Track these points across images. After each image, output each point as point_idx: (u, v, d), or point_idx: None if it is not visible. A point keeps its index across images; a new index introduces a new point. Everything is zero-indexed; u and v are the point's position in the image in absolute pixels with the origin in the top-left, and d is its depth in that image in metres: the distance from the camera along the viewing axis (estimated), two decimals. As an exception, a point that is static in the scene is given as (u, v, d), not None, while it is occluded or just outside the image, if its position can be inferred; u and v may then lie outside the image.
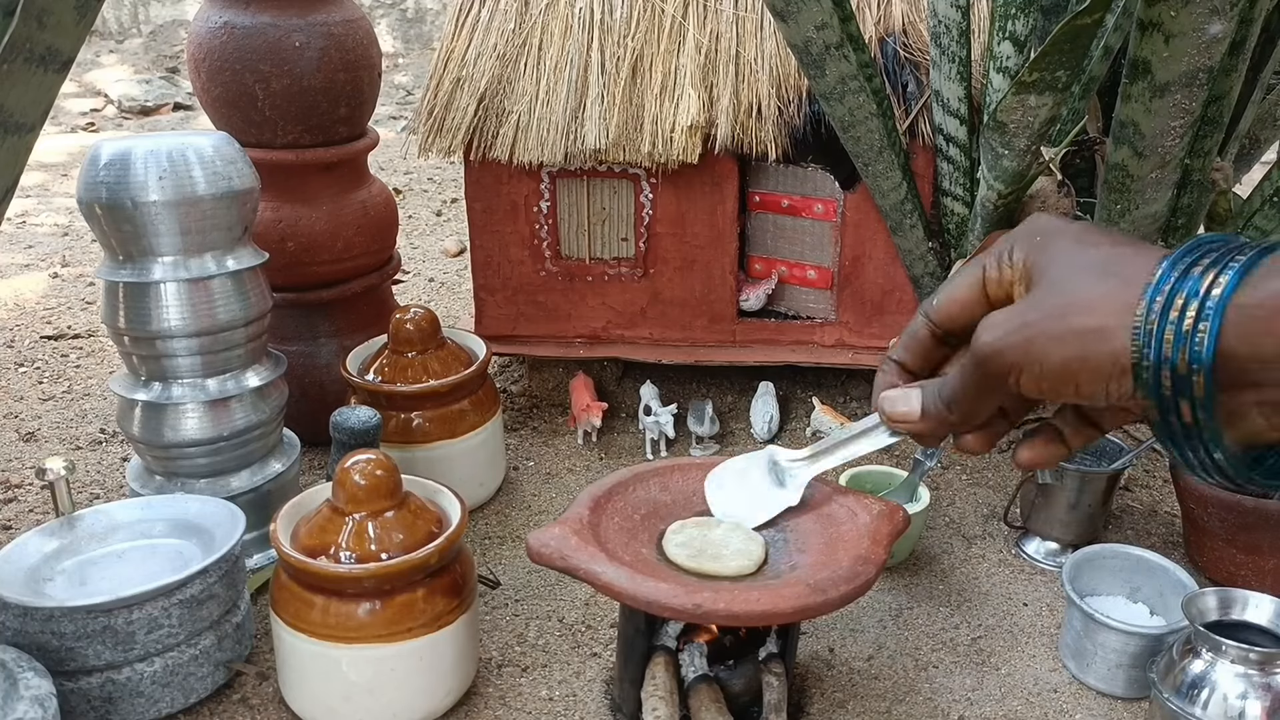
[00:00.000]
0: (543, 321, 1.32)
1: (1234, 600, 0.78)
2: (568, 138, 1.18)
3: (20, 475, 1.20)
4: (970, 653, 0.91)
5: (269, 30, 1.08)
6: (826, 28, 0.98)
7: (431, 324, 1.09)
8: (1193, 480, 0.97)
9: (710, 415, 1.23)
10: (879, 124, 1.08)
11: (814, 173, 1.24)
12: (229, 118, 1.11)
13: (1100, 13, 0.82)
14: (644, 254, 1.28)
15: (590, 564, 0.69)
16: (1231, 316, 0.44)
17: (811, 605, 0.66)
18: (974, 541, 1.08)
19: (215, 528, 0.86)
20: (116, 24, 4.44)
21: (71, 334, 1.63)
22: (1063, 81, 0.89)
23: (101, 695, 0.77)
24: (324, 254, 1.16)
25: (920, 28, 1.19)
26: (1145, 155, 0.91)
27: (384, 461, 0.79)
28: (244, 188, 0.91)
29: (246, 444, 0.96)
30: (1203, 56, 0.81)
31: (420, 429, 1.06)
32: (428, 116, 1.22)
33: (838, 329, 1.30)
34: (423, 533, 0.78)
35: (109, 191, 0.85)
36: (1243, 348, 0.44)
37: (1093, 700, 0.85)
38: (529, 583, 1.00)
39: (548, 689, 0.86)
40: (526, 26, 1.22)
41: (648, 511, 0.79)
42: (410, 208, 2.42)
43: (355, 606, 0.75)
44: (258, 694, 0.85)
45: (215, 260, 0.91)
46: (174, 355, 0.91)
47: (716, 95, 1.19)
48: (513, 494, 1.17)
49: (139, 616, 0.77)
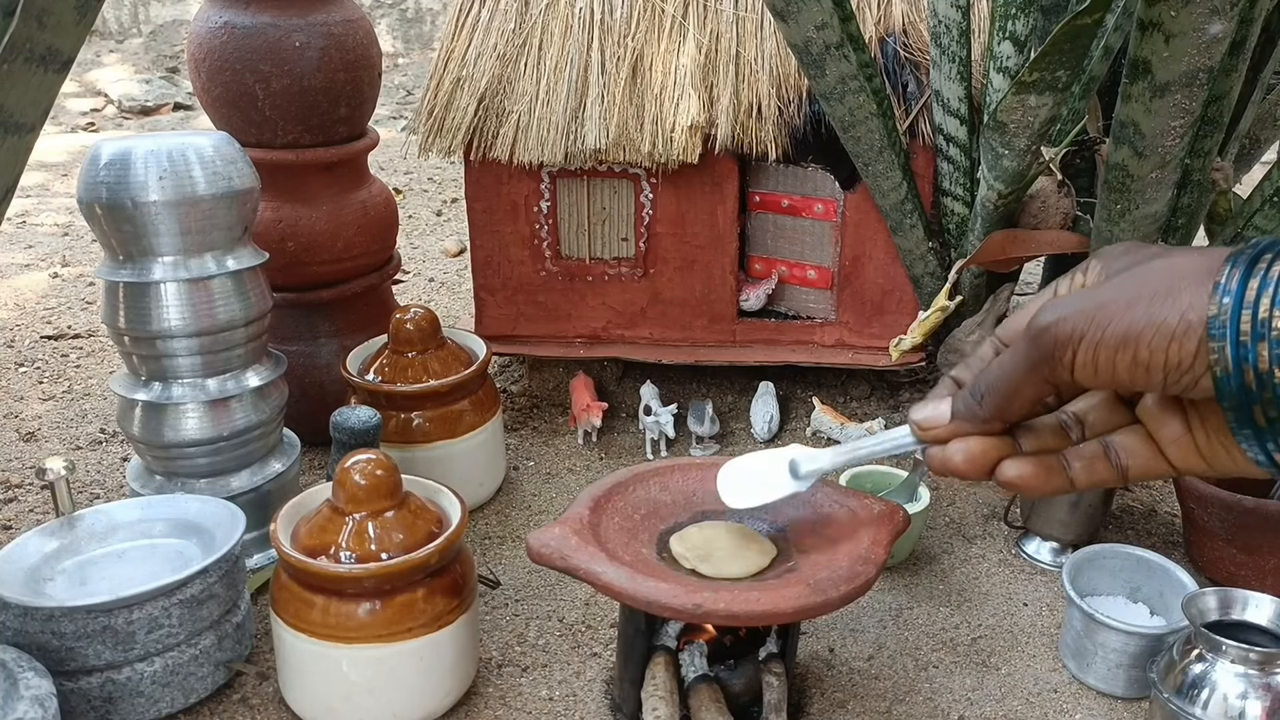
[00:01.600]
0: (543, 321, 1.32)
1: (1234, 600, 0.78)
2: (568, 138, 1.18)
3: (20, 475, 1.20)
4: (970, 653, 0.91)
5: (269, 30, 1.08)
6: (827, 28, 0.98)
7: (431, 324, 1.09)
8: (1193, 480, 0.97)
9: (710, 415, 1.23)
10: (879, 124, 1.08)
11: (814, 173, 1.24)
12: (229, 117, 1.11)
13: (1100, 13, 0.82)
14: (644, 254, 1.28)
15: (590, 564, 0.69)
16: None
17: (812, 605, 0.66)
18: (974, 541, 1.08)
19: (215, 527, 0.86)
20: (117, 24, 4.44)
21: (72, 334, 1.63)
22: (1063, 81, 0.89)
23: (102, 695, 0.77)
24: (324, 254, 1.16)
25: (920, 28, 1.19)
26: (1145, 155, 0.91)
27: (384, 461, 0.79)
28: (244, 188, 0.91)
29: (247, 444, 0.96)
30: (1203, 56, 0.81)
31: (420, 429, 1.06)
32: (428, 116, 1.22)
33: (838, 329, 1.30)
34: (423, 533, 0.78)
35: (109, 191, 0.85)
36: None
37: (1093, 700, 0.85)
38: (529, 583, 1.00)
39: (548, 689, 0.86)
40: (527, 26, 1.22)
41: (648, 511, 0.79)
42: (410, 208, 2.42)
43: (355, 606, 0.75)
44: (258, 694, 0.85)
45: (215, 260, 0.91)
46: (174, 355, 0.91)
47: (716, 95, 1.19)
48: (513, 494, 1.17)
49: (139, 616, 0.77)
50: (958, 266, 1.15)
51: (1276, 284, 0.43)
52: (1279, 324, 0.42)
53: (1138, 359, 0.46)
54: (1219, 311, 0.43)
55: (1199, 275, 0.45)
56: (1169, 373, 0.45)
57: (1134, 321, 0.46)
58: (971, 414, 0.54)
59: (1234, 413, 0.45)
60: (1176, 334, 0.45)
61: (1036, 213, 1.09)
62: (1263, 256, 0.44)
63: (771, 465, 0.70)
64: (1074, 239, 1.10)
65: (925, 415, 0.56)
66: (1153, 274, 0.47)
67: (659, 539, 0.77)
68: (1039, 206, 1.09)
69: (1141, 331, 0.45)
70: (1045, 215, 1.09)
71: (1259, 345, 0.43)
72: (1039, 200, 1.09)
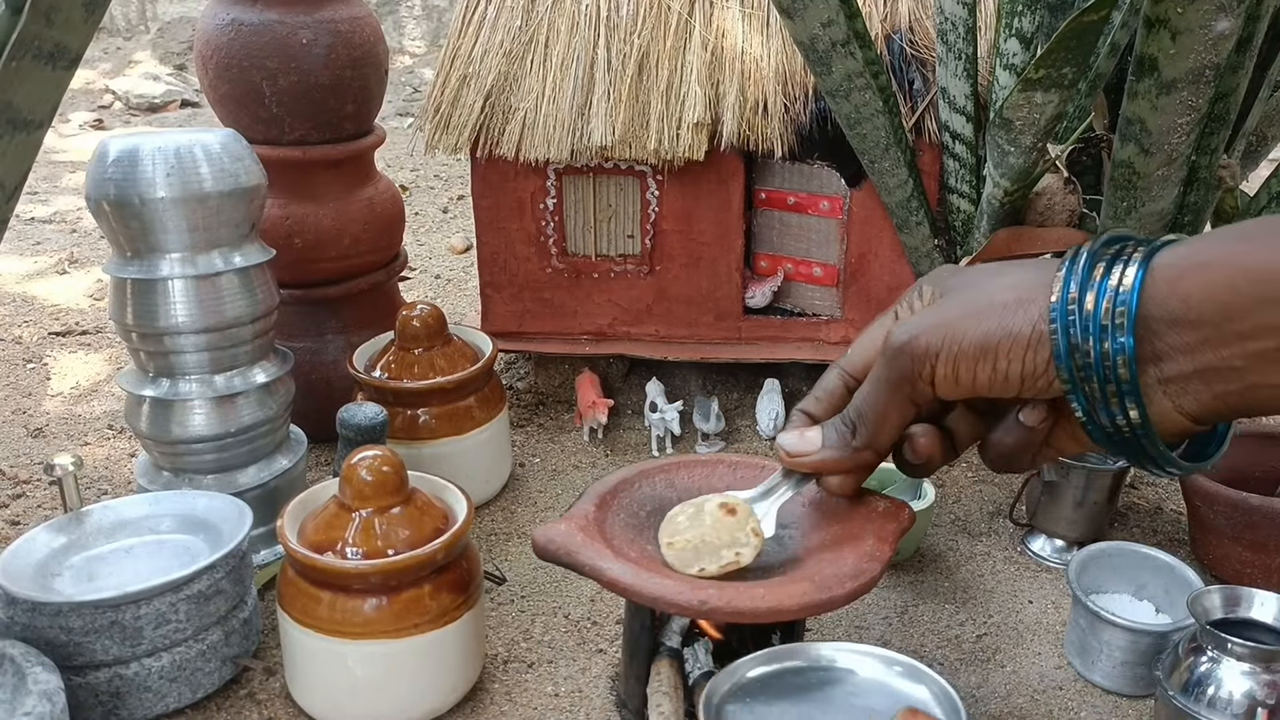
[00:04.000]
0: (549, 318, 1.32)
1: (1240, 598, 0.78)
2: (574, 135, 1.18)
3: (28, 471, 1.21)
4: (975, 650, 0.91)
5: (276, 27, 1.08)
6: (833, 25, 0.98)
7: (438, 320, 1.09)
8: (1199, 478, 0.96)
9: (716, 412, 1.23)
10: (885, 121, 1.08)
11: (820, 170, 1.24)
12: (236, 115, 1.12)
13: (1107, 9, 0.82)
14: (650, 251, 1.28)
15: (596, 560, 0.69)
16: (1146, 278, 0.45)
17: (816, 602, 0.66)
18: (979, 539, 1.08)
19: (222, 523, 0.86)
20: (124, 21, 4.45)
21: (79, 330, 1.64)
22: (1069, 78, 0.89)
23: (109, 690, 0.78)
24: (331, 251, 1.17)
25: (927, 25, 1.19)
26: (1152, 153, 0.91)
27: (390, 458, 0.79)
28: (251, 184, 0.91)
29: (253, 440, 0.97)
30: (1209, 53, 0.81)
31: (426, 425, 1.06)
32: (434, 113, 1.22)
33: (843, 326, 1.30)
34: (429, 529, 0.78)
35: (117, 188, 0.86)
36: (1153, 308, 0.45)
37: (1098, 698, 0.85)
38: (535, 579, 1.00)
39: (553, 685, 0.86)
40: (533, 24, 1.22)
41: (654, 508, 0.79)
42: (417, 204, 2.42)
43: (362, 602, 0.75)
44: (265, 689, 0.85)
45: (223, 257, 0.91)
46: (181, 351, 0.91)
47: (723, 92, 1.19)
48: (518, 490, 1.17)
49: (146, 612, 0.77)
50: (963, 264, 1.15)
51: (1115, 293, 0.46)
52: (1120, 325, 0.45)
53: (996, 369, 0.48)
54: (1064, 316, 0.46)
55: (1037, 286, 0.48)
56: (1025, 379, 0.48)
57: (989, 332, 0.48)
58: (844, 444, 0.56)
59: (1086, 413, 0.48)
60: (1031, 342, 0.47)
61: (1042, 210, 1.09)
62: (1097, 261, 0.47)
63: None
64: (1080, 236, 1.10)
65: (794, 444, 0.59)
66: (1000, 289, 0.50)
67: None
68: (1045, 204, 1.08)
69: (999, 342, 0.48)
70: (1051, 213, 1.09)
71: (1101, 362, 0.46)
72: (1045, 198, 1.08)
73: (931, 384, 0.50)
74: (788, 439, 0.59)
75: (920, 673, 0.65)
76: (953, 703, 0.62)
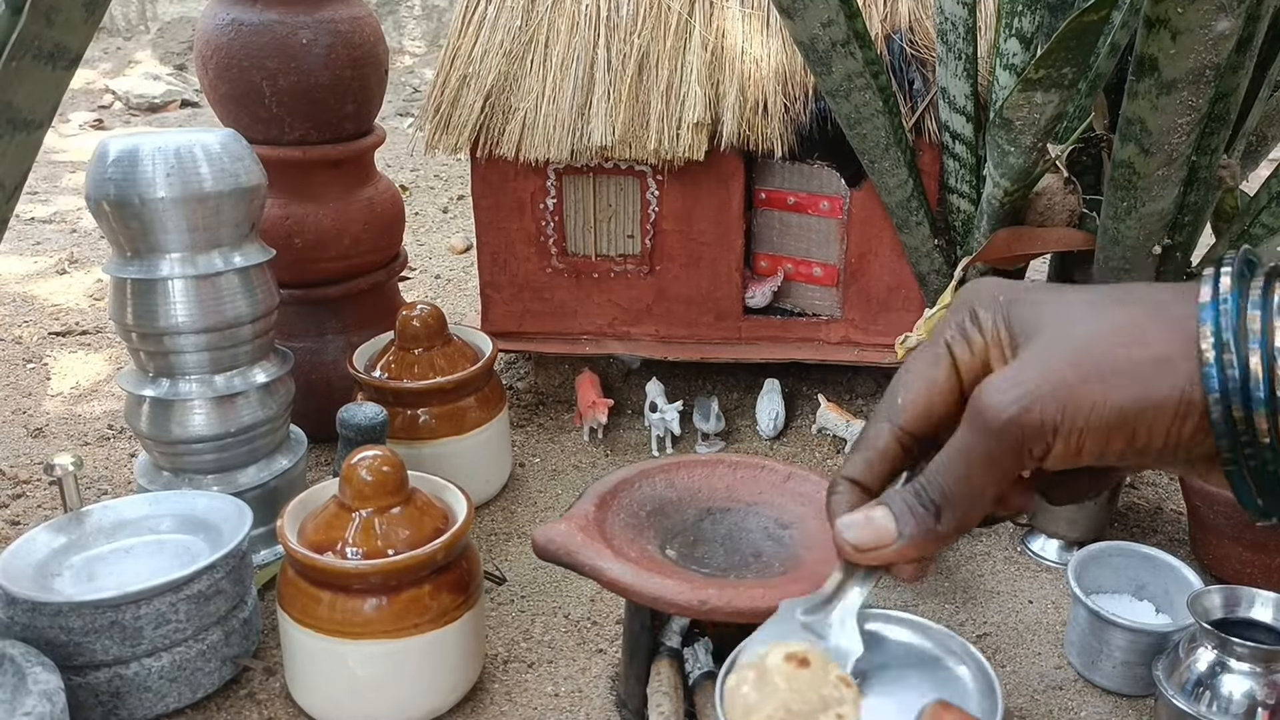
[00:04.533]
0: (549, 318, 1.32)
1: (1240, 598, 0.78)
2: (574, 135, 1.18)
3: (28, 471, 1.21)
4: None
5: (276, 27, 1.08)
6: (833, 25, 0.98)
7: (438, 320, 1.09)
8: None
9: (716, 412, 1.23)
10: (885, 121, 1.08)
11: (820, 170, 1.24)
12: (236, 115, 1.12)
13: (1107, 9, 0.82)
14: (650, 251, 1.28)
15: (596, 560, 0.69)
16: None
17: (816, 602, 0.66)
18: (980, 539, 1.08)
19: (222, 523, 0.86)
20: (124, 21, 4.45)
21: (79, 330, 1.63)
22: (1069, 78, 0.89)
23: (109, 690, 0.78)
24: (331, 250, 1.17)
25: (927, 24, 1.19)
26: (1152, 153, 0.91)
27: (390, 458, 0.79)
28: (251, 184, 0.91)
29: (253, 440, 0.97)
30: (1210, 53, 0.80)
31: (426, 425, 1.06)
32: (434, 113, 1.22)
33: (844, 326, 1.30)
34: (429, 529, 0.78)
35: (117, 188, 0.86)
36: None
37: (1098, 698, 0.85)
38: (535, 579, 1.00)
39: (553, 685, 0.86)
40: (533, 24, 1.22)
41: (654, 508, 0.80)
42: (417, 204, 2.42)
43: (362, 602, 0.75)
44: (265, 689, 0.85)
45: (223, 257, 0.91)
46: (181, 351, 0.91)
47: (723, 92, 1.19)
48: (518, 490, 1.17)
49: (146, 612, 0.77)
50: (963, 264, 1.15)
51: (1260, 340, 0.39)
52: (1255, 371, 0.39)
53: (1133, 444, 0.41)
54: (1222, 380, 0.39)
55: (1177, 338, 0.40)
56: (1167, 451, 0.41)
57: (1125, 405, 0.40)
58: (930, 533, 0.45)
59: (1244, 483, 0.41)
60: (1178, 413, 0.40)
61: (1043, 210, 1.09)
62: (1239, 308, 0.39)
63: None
64: (1080, 236, 1.10)
65: (862, 537, 0.47)
66: (1121, 339, 0.41)
67: (664, 536, 0.77)
68: (1045, 204, 1.08)
69: (1139, 414, 0.40)
70: (1051, 213, 1.09)
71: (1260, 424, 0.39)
72: (1045, 198, 1.08)
73: (1044, 458, 0.42)
74: (851, 529, 0.47)
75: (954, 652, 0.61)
76: (989, 681, 0.57)
